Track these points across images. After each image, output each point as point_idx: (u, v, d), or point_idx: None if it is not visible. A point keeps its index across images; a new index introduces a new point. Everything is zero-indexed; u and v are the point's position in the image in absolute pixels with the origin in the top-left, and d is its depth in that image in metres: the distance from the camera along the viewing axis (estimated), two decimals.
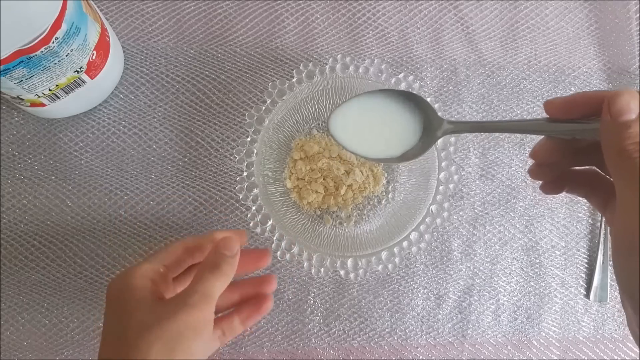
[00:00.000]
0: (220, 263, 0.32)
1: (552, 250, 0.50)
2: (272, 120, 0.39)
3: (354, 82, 0.41)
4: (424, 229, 0.39)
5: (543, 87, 0.52)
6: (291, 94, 0.39)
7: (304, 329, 0.46)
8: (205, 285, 0.31)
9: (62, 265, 0.44)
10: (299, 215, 0.44)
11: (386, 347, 0.46)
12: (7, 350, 0.42)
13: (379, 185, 0.45)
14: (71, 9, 0.34)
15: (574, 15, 0.54)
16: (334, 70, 0.39)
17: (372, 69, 0.39)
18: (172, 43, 0.48)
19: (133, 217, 0.45)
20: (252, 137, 0.38)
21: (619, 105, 0.23)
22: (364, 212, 0.45)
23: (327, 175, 0.44)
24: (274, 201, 0.41)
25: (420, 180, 0.42)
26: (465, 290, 0.48)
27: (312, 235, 0.42)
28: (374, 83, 0.40)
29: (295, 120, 0.43)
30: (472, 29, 0.52)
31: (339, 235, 0.43)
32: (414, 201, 0.42)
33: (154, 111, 0.46)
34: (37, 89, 0.38)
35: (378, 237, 0.41)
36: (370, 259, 0.38)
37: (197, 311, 0.30)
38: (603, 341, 0.50)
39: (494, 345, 0.48)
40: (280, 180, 0.44)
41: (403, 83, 0.39)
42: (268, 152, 0.41)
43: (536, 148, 0.29)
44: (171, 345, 0.28)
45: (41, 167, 0.45)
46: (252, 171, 0.37)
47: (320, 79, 0.39)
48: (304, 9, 0.50)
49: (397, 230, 0.40)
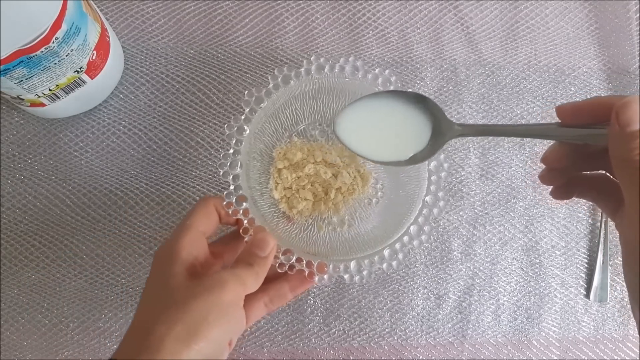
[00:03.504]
0: (253, 263, 0.32)
1: (552, 250, 0.50)
2: (252, 129, 0.38)
3: (330, 82, 0.40)
4: (423, 221, 0.38)
5: (543, 87, 0.52)
6: (269, 100, 0.38)
7: (304, 329, 0.46)
8: (239, 271, 0.31)
9: (62, 265, 0.44)
10: (291, 224, 0.43)
11: (386, 347, 0.46)
12: (7, 350, 0.42)
13: (368, 185, 0.44)
14: (71, 9, 0.34)
15: (574, 15, 0.54)
16: (309, 73, 0.38)
17: (347, 67, 0.38)
18: (172, 43, 0.48)
19: (133, 217, 0.45)
20: (234, 148, 0.36)
21: (627, 115, 0.23)
22: (357, 214, 0.44)
23: (314, 181, 0.43)
24: (264, 213, 0.40)
25: (410, 174, 0.41)
26: (465, 290, 0.48)
27: (307, 243, 0.41)
28: (351, 81, 0.39)
29: (275, 128, 0.42)
30: (472, 29, 0.52)
31: (335, 241, 0.42)
32: (407, 196, 0.41)
33: (154, 111, 0.46)
34: (37, 89, 0.38)
35: (376, 237, 0.41)
36: (373, 258, 0.37)
37: (227, 293, 0.29)
38: (603, 341, 0.50)
39: (494, 345, 0.48)
40: (266, 192, 0.42)
41: (380, 78, 0.38)
42: (252, 163, 0.40)
43: (547, 153, 0.29)
44: (192, 329, 0.27)
45: (41, 167, 0.45)
46: (239, 184, 0.36)
47: (297, 82, 0.38)
48: (304, 9, 0.50)
49: (394, 227, 0.39)
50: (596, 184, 0.30)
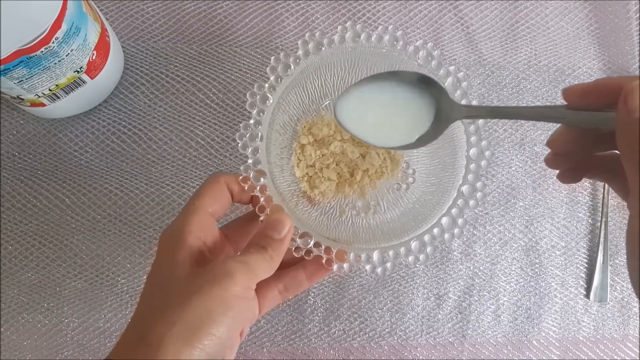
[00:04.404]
0: (267, 246, 0.29)
1: (552, 250, 0.50)
2: (276, 99, 0.34)
3: (366, 52, 0.36)
4: (456, 213, 0.34)
5: (543, 87, 0.52)
6: (297, 68, 0.34)
7: (304, 329, 0.46)
8: (249, 259, 0.28)
9: (62, 265, 0.44)
10: (312, 206, 0.39)
11: (386, 347, 0.46)
12: (7, 350, 0.42)
13: (398, 168, 0.40)
14: (71, 9, 0.34)
15: (574, 15, 0.54)
16: (343, 41, 0.34)
17: (386, 37, 0.34)
18: (172, 43, 0.48)
19: (133, 217, 0.45)
20: (255, 118, 0.33)
21: (636, 101, 0.21)
22: (384, 200, 0.40)
23: (340, 160, 0.39)
24: (282, 191, 0.36)
25: (446, 160, 0.37)
26: (465, 290, 0.48)
27: (327, 227, 0.37)
28: (388, 53, 0.35)
29: (301, 99, 0.38)
30: (472, 29, 0.52)
31: (357, 227, 0.38)
32: (439, 184, 0.37)
33: (154, 111, 0.46)
34: (37, 89, 0.38)
35: (402, 226, 0.36)
36: (399, 250, 0.33)
37: (233, 285, 0.26)
38: (603, 341, 0.50)
39: (494, 345, 0.48)
40: (287, 169, 0.39)
41: (421, 51, 0.34)
42: (274, 135, 0.36)
43: (554, 136, 0.27)
44: (195, 326, 0.25)
45: (41, 167, 0.45)
46: (258, 158, 0.33)
47: (329, 51, 0.34)
48: (304, 9, 0.50)
49: (423, 217, 0.36)
50: (609, 164, 0.28)
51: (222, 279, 0.26)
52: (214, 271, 0.27)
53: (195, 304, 0.25)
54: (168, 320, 0.25)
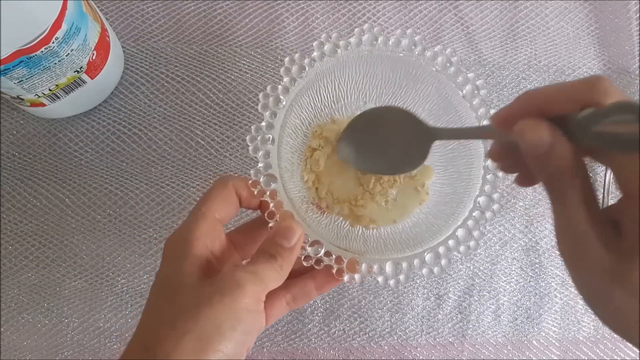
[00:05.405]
0: (276, 255, 0.28)
1: (552, 250, 0.50)
2: (289, 102, 0.34)
3: (382, 56, 0.35)
4: (472, 225, 0.33)
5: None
6: (311, 70, 0.33)
7: (304, 329, 0.46)
8: (258, 268, 0.27)
9: (62, 265, 0.44)
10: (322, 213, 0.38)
11: (386, 347, 0.46)
12: (7, 350, 0.42)
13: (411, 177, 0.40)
14: (71, 9, 0.34)
15: (574, 15, 0.54)
16: (360, 44, 0.34)
17: (404, 40, 0.34)
18: (172, 43, 0.48)
19: (133, 217, 0.45)
20: (267, 121, 0.32)
21: (529, 141, 0.21)
22: None
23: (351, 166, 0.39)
24: (292, 197, 0.35)
25: (462, 169, 0.37)
26: (465, 290, 0.48)
27: (338, 236, 0.36)
28: (406, 57, 0.35)
29: (314, 103, 0.38)
30: (472, 29, 0.52)
31: (369, 236, 0.37)
32: (454, 194, 0.37)
33: (154, 111, 0.46)
34: (37, 89, 0.38)
35: (415, 237, 0.36)
36: (412, 261, 0.32)
37: (243, 297, 0.25)
38: (603, 341, 0.50)
39: (494, 345, 0.48)
40: (297, 173, 0.38)
41: (439, 57, 0.34)
42: (285, 139, 0.35)
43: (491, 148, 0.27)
44: (203, 341, 0.24)
45: (41, 167, 0.45)
46: (269, 162, 0.32)
47: (345, 53, 0.34)
48: (304, 9, 0.50)
49: (438, 228, 0.35)
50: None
51: (232, 290, 0.25)
52: (223, 281, 0.26)
53: (205, 315, 0.25)
54: (176, 334, 0.24)
